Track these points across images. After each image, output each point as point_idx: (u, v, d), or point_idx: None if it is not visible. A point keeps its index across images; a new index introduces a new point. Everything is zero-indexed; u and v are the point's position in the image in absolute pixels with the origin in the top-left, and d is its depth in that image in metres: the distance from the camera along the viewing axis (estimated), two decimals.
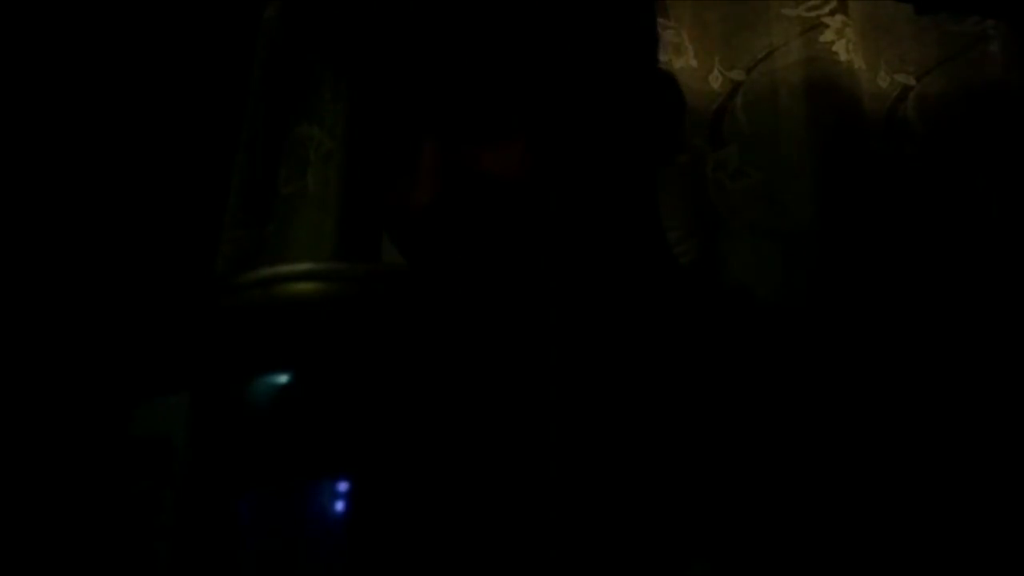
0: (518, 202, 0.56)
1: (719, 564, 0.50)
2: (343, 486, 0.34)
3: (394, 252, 0.63)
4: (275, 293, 0.38)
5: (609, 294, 0.60)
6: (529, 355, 0.46)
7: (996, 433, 0.57)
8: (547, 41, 0.57)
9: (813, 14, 1.28)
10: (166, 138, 1.22)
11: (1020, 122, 1.28)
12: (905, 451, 0.54)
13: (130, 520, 0.37)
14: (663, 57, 1.24)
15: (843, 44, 1.27)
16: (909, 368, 0.59)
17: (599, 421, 0.54)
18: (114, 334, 1.07)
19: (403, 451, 0.35)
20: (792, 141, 1.24)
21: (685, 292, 0.64)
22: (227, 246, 1.20)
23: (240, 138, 1.24)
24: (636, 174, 0.62)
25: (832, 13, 1.28)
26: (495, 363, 0.40)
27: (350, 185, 1.20)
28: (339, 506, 0.34)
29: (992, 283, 1.22)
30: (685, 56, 1.27)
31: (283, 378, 0.36)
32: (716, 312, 0.63)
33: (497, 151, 0.56)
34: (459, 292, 0.42)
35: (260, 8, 1.27)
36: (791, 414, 0.54)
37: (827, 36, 1.27)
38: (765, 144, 1.25)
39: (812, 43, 1.27)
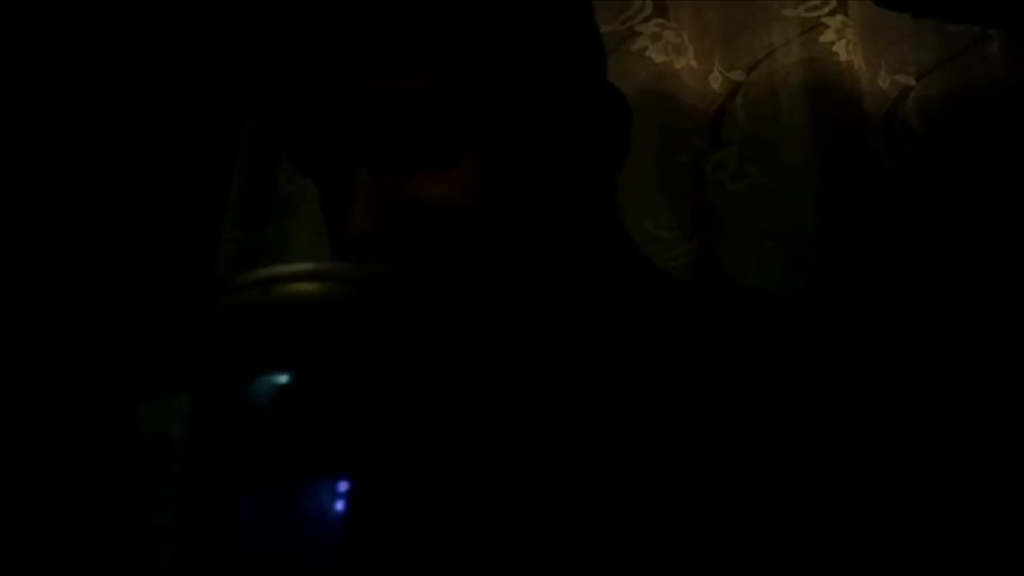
0: (457, 230, 0.55)
1: (720, 566, 0.50)
2: (343, 486, 0.34)
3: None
4: (275, 293, 0.38)
5: (581, 298, 0.60)
6: (528, 357, 0.46)
7: (997, 433, 0.57)
8: (488, 64, 0.57)
9: (813, 14, 1.28)
10: (166, 138, 1.22)
11: (1020, 122, 1.28)
12: (906, 452, 0.54)
13: (130, 520, 0.37)
14: (663, 57, 1.24)
15: (843, 44, 1.27)
16: (910, 368, 0.59)
17: (596, 422, 0.54)
18: (115, 334, 1.07)
19: (403, 451, 0.35)
20: (792, 142, 1.24)
21: (660, 290, 0.64)
22: (227, 246, 1.20)
23: (240, 138, 1.24)
24: (590, 184, 0.61)
25: (832, 13, 1.28)
26: (496, 364, 0.40)
27: None
28: (339, 506, 0.34)
29: (992, 283, 1.22)
30: (685, 56, 1.27)
31: (283, 378, 0.36)
32: (697, 309, 0.63)
33: (433, 180, 0.56)
34: (461, 293, 0.42)
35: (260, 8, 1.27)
36: (788, 413, 0.54)
37: (827, 36, 1.27)
38: (765, 145, 1.26)
39: (812, 43, 1.27)
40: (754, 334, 0.58)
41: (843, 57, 1.27)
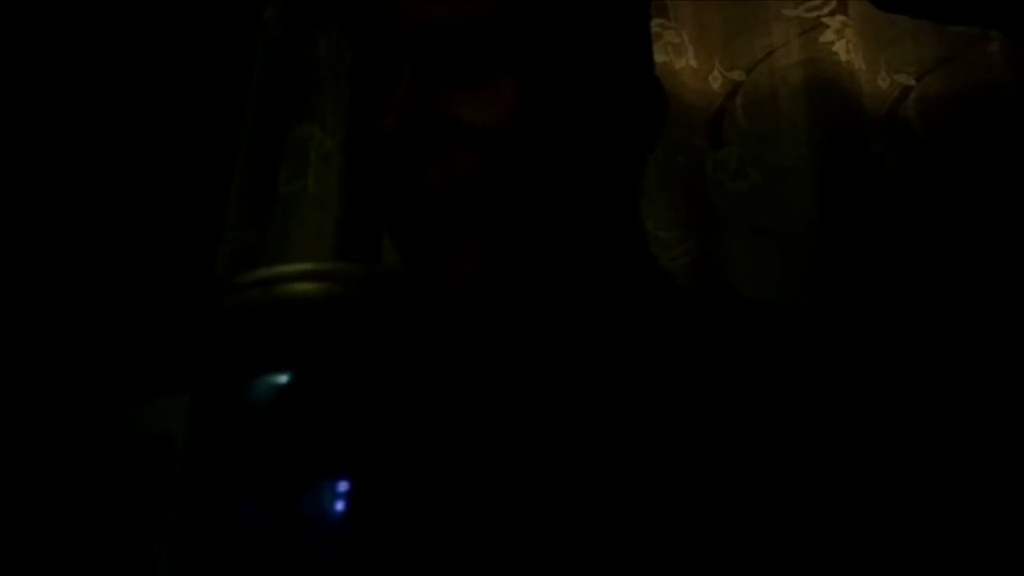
0: (481, 148, 0.56)
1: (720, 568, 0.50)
2: (344, 486, 0.34)
3: (394, 252, 0.63)
4: (275, 293, 0.38)
5: (587, 287, 0.60)
6: (529, 357, 0.46)
7: (997, 434, 0.57)
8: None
9: (813, 15, 1.28)
10: (166, 139, 1.22)
11: (1020, 122, 1.28)
12: (906, 454, 0.54)
13: (130, 520, 0.37)
14: (663, 57, 1.24)
15: (843, 44, 1.27)
16: (910, 368, 0.59)
17: (596, 424, 0.54)
18: (115, 334, 1.08)
19: (404, 452, 0.35)
20: (792, 141, 1.24)
21: (663, 289, 0.64)
22: (227, 246, 1.20)
23: (240, 138, 1.24)
24: (619, 158, 0.62)
25: (832, 13, 1.28)
26: (497, 364, 0.40)
27: (350, 185, 1.20)
28: (340, 506, 0.34)
29: (992, 282, 1.22)
30: (685, 56, 1.27)
31: (283, 378, 0.36)
32: (695, 310, 0.63)
33: (474, 95, 0.57)
34: (461, 293, 0.42)
35: (260, 8, 1.27)
36: (785, 417, 0.54)
37: (827, 36, 1.27)
38: (765, 144, 1.26)
39: (812, 43, 1.27)
40: (753, 343, 0.58)
41: (843, 57, 1.27)
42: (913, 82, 1.32)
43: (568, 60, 0.59)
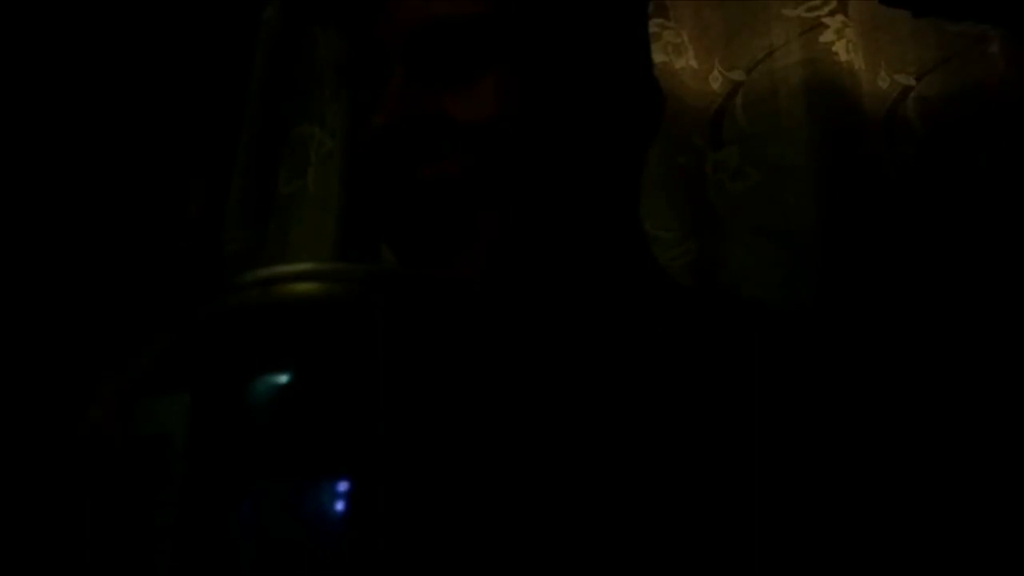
0: (470, 145, 0.56)
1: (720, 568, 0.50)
2: (344, 486, 0.34)
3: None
4: (275, 293, 0.38)
5: (584, 284, 0.60)
6: (528, 356, 0.46)
7: (999, 435, 0.57)
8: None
9: (813, 14, 1.29)
10: (166, 139, 1.22)
11: (1020, 122, 1.28)
12: (908, 455, 0.54)
13: (130, 520, 0.37)
14: (663, 57, 1.24)
15: (843, 44, 1.27)
16: (911, 369, 0.59)
17: (597, 424, 0.54)
18: (115, 333, 1.08)
19: (404, 452, 0.35)
20: (792, 141, 1.24)
21: (660, 288, 0.64)
22: (227, 246, 1.20)
23: (240, 138, 1.24)
24: (614, 155, 0.62)
25: (832, 13, 1.28)
26: (496, 364, 0.40)
27: (350, 185, 1.20)
28: (340, 506, 0.34)
29: (992, 282, 1.22)
30: (685, 56, 1.27)
31: (283, 378, 0.36)
32: (694, 310, 0.63)
33: (467, 93, 0.57)
34: (460, 293, 0.42)
35: (260, 8, 1.27)
36: (785, 419, 0.54)
37: (827, 36, 1.28)
38: (765, 144, 1.26)
39: (812, 43, 1.27)
40: (752, 343, 0.58)
41: (843, 57, 1.27)
42: (913, 82, 1.33)
43: (562, 58, 0.59)
